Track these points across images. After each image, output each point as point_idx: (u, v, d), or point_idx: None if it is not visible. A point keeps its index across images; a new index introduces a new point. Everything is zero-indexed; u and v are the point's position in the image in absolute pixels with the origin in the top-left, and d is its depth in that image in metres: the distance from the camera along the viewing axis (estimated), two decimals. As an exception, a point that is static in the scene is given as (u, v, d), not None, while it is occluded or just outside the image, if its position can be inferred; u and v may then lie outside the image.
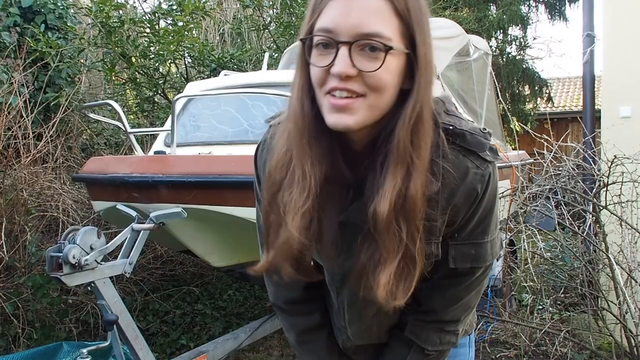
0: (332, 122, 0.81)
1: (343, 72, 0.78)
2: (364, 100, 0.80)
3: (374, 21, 0.77)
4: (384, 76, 0.79)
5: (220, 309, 4.39)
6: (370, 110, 0.81)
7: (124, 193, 2.43)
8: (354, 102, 0.80)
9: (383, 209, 0.81)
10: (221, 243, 2.76)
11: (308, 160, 0.84)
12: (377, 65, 0.78)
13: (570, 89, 15.53)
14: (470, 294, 1.01)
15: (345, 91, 0.79)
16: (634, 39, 3.77)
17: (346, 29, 0.78)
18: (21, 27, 4.39)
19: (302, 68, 0.87)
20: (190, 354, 2.94)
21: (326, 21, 0.79)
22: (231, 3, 8.04)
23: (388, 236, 0.83)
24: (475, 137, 0.89)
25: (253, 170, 1.13)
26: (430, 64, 0.83)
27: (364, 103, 0.80)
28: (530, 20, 10.56)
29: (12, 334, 3.10)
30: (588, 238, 3.21)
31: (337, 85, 0.79)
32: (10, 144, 3.34)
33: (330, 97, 0.81)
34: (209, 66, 5.44)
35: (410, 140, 0.81)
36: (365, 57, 0.78)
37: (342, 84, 0.79)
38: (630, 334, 2.88)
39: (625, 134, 3.50)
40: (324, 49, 0.80)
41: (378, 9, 0.78)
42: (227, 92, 3.07)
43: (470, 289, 1.01)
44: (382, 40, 0.77)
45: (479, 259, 0.96)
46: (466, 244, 0.94)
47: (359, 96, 0.80)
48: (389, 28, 0.78)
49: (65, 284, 2.16)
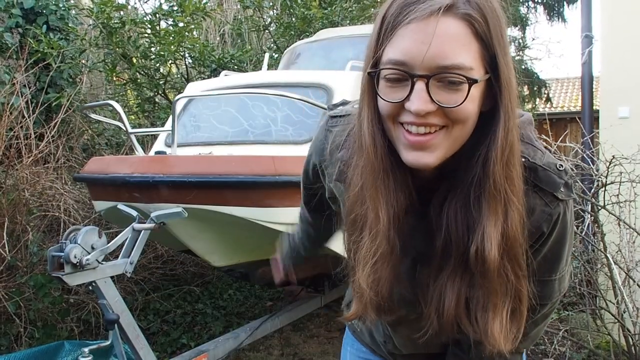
0: (411, 160, 0.74)
1: (422, 111, 0.70)
2: (446, 132, 0.72)
3: (453, 51, 0.68)
4: (468, 108, 0.71)
5: (220, 308, 4.41)
6: (452, 143, 0.73)
7: (125, 193, 2.44)
8: (434, 137, 0.72)
9: (492, 252, 0.74)
10: (222, 243, 2.78)
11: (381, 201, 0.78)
12: (459, 99, 0.70)
13: (569, 89, 15.51)
14: (535, 328, 0.96)
15: (423, 126, 0.72)
16: (633, 40, 3.78)
17: (423, 61, 0.68)
18: (23, 28, 4.42)
19: (369, 100, 0.77)
20: (191, 353, 2.95)
21: (398, 52, 0.70)
22: (231, 4, 8.05)
23: (498, 279, 0.77)
24: (548, 175, 0.80)
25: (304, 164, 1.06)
26: (513, 86, 0.73)
27: (446, 136, 0.73)
28: (529, 21, 10.59)
29: (14, 333, 3.11)
30: (586, 238, 3.22)
31: (415, 120, 0.71)
32: (12, 144, 3.36)
33: (406, 133, 0.73)
34: (210, 67, 5.46)
35: (504, 171, 0.73)
36: (445, 89, 0.70)
37: (419, 119, 0.71)
38: (628, 332, 2.90)
39: (623, 134, 3.51)
40: (396, 82, 0.72)
41: (457, 35, 0.69)
42: (228, 92, 3.08)
43: (537, 323, 0.95)
44: (464, 72, 0.69)
45: (545, 296, 0.90)
46: (532, 281, 0.85)
47: (438, 129, 0.72)
48: (470, 55, 0.69)
49: (67, 284, 2.17)
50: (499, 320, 0.79)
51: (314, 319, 4.26)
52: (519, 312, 0.82)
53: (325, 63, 4.09)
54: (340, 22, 5.91)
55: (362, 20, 6.27)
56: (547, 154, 0.83)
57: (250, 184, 2.40)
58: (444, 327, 0.84)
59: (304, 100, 2.73)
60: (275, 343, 3.76)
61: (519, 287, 0.79)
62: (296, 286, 3.95)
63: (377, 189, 0.78)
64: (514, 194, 0.74)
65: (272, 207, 2.48)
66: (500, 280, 0.77)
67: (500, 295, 0.78)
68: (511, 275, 0.77)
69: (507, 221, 0.74)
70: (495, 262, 0.75)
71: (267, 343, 3.74)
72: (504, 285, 0.78)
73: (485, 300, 0.79)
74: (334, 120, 0.95)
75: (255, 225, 2.50)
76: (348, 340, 1.25)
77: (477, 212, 0.75)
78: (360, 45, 4.06)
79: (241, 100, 3.16)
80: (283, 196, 2.50)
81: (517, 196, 0.75)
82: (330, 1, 6.26)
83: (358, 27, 4.99)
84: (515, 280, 0.78)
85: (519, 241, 0.76)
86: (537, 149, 0.82)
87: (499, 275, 0.77)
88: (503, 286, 0.78)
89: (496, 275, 0.77)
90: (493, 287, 0.78)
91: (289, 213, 2.55)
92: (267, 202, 2.46)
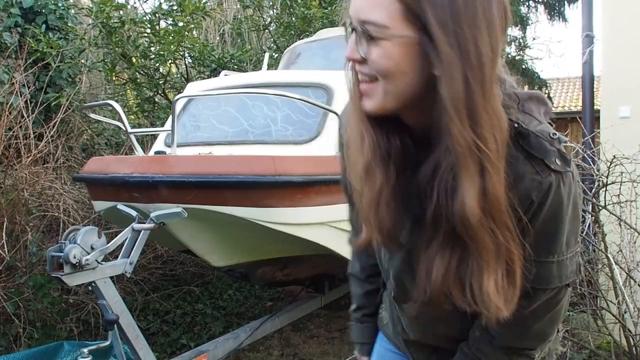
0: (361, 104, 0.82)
1: (348, 57, 0.79)
2: (378, 84, 0.79)
3: (368, 7, 0.75)
4: (384, 62, 0.76)
5: (220, 308, 4.40)
6: (386, 96, 0.79)
7: (124, 193, 2.43)
8: (369, 86, 0.80)
9: (471, 209, 0.75)
10: (221, 243, 2.77)
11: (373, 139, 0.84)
12: (374, 52, 0.76)
13: (570, 89, 15.52)
14: (540, 321, 0.92)
15: (359, 74, 0.80)
16: (634, 40, 3.78)
17: (353, 14, 0.78)
18: (22, 27, 4.41)
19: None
20: (191, 354, 2.95)
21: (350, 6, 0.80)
22: (231, 3, 8.05)
23: (484, 239, 0.77)
24: (540, 141, 0.81)
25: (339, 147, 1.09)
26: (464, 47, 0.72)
27: (378, 88, 0.79)
28: (530, 21, 10.59)
29: (13, 333, 3.11)
30: (587, 238, 3.22)
31: (357, 68, 0.80)
32: (11, 144, 3.35)
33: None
34: (209, 66, 5.45)
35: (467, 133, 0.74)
36: (367, 43, 0.77)
37: (357, 67, 0.79)
38: (629, 333, 2.89)
39: (624, 134, 3.51)
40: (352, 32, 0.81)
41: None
42: (228, 92, 3.08)
43: (539, 315, 0.91)
44: (375, 29, 0.75)
45: (543, 280, 0.87)
46: (526, 259, 0.83)
47: (373, 81, 0.79)
48: (385, 14, 0.74)
49: (66, 284, 2.17)
50: (493, 279, 0.79)
51: (314, 319, 4.26)
52: (513, 272, 0.80)
53: (325, 63, 4.09)
54: (340, 22, 5.89)
55: (362, 19, 6.26)
56: (545, 124, 0.83)
57: (250, 184, 2.39)
58: (433, 297, 0.85)
59: (304, 100, 2.72)
60: (275, 343, 3.76)
61: (509, 247, 0.79)
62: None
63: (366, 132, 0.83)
64: (489, 151, 0.74)
65: (272, 207, 2.47)
66: (489, 239, 0.77)
67: (492, 255, 0.78)
68: (499, 234, 0.77)
69: (484, 180, 0.75)
70: (477, 218, 0.75)
71: (267, 343, 3.74)
72: (493, 243, 0.78)
73: (478, 262, 0.79)
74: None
75: (255, 225, 2.49)
76: (379, 335, 1.26)
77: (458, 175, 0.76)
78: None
79: (241, 100, 3.16)
80: (283, 196, 2.49)
81: (495, 156, 0.75)
82: (330, 1, 6.26)
83: (358, 26, 4.98)
84: (504, 240, 0.78)
85: (501, 200, 0.76)
86: (534, 118, 0.83)
87: (487, 234, 0.77)
88: (493, 244, 0.78)
89: (483, 234, 0.77)
90: (484, 247, 0.78)
91: (289, 213, 2.55)
92: (267, 202, 2.45)
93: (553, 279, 0.88)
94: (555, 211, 0.83)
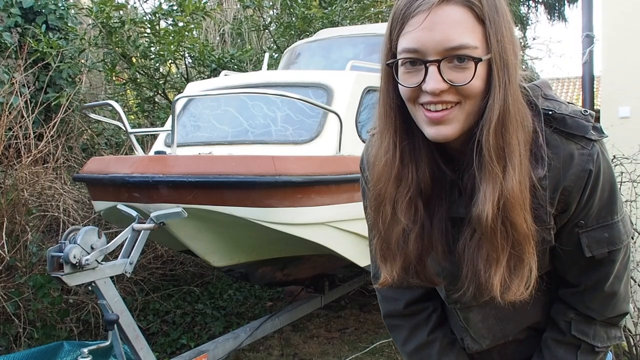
0: (432, 133, 0.84)
1: (436, 89, 0.80)
2: (460, 108, 0.82)
3: (457, 34, 0.78)
4: (476, 84, 0.81)
5: (220, 308, 4.40)
6: (467, 117, 0.83)
7: (124, 193, 2.44)
8: (449, 112, 0.82)
9: (487, 213, 0.82)
10: (221, 243, 2.77)
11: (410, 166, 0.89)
12: (467, 77, 0.79)
13: (570, 89, 15.51)
14: (622, 282, 0.97)
15: (440, 104, 0.81)
16: (633, 40, 3.78)
17: (432, 46, 0.78)
18: (22, 27, 4.41)
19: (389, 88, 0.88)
20: (191, 354, 2.95)
21: (410, 41, 0.80)
22: (231, 3, 8.05)
23: (495, 237, 0.84)
24: (576, 120, 0.88)
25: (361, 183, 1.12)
26: (505, 60, 0.81)
27: (460, 111, 0.82)
28: (530, 21, 10.61)
29: (13, 333, 3.11)
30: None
31: (432, 99, 0.81)
32: (11, 144, 3.35)
33: (425, 111, 0.83)
34: (209, 66, 5.45)
35: (497, 140, 0.81)
36: (455, 69, 0.80)
37: (435, 98, 0.81)
38: (629, 333, 2.89)
39: (624, 134, 3.51)
40: (412, 66, 0.82)
41: (460, 19, 0.78)
42: (228, 92, 3.07)
43: (620, 277, 0.96)
44: (469, 52, 0.78)
45: (615, 240, 0.93)
46: (597, 228, 0.92)
47: (453, 105, 0.82)
48: (474, 36, 0.79)
49: (66, 284, 2.17)
50: (498, 274, 0.85)
51: (314, 319, 4.26)
52: (522, 265, 0.86)
53: (325, 63, 4.09)
54: (340, 22, 5.90)
55: (362, 20, 6.27)
56: (571, 105, 0.91)
57: (250, 184, 2.39)
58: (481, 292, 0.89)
59: (304, 100, 2.72)
60: (275, 343, 3.76)
61: (521, 241, 0.84)
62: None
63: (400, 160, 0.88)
64: (513, 155, 0.82)
65: (272, 207, 2.47)
66: (500, 238, 0.84)
67: (501, 252, 0.84)
68: (511, 231, 0.83)
69: (505, 182, 0.81)
70: (490, 222, 0.82)
71: (267, 343, 3.74)
72: (503, 241, 0.84)
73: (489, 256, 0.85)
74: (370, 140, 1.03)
75: (255, 225, 2.49)
76: None
77: (480, 179, 0.83)
78: (361, 45, 4.10)
79: (241, 100, 3.16)
80: (283, 196, 2.49)
81: (517, 158, 0.82)
82: (330, 1, 6.26)
83: (358, 27, 4.99)
84: (517, 236, 0.84)
85: (519, 199, 0.82)
86: (562, 103, 0.91)
87: (499, 233, 0.83)
88: (503, 243, 0.84)
89: (494, 234, 0.83)
90: (493, 244, 0.84)
91: (289, 213, 2.55)
92: (267, 202, 2.45)
93: (623, 236, 0.94)
94: (609, 174, 0.91)
